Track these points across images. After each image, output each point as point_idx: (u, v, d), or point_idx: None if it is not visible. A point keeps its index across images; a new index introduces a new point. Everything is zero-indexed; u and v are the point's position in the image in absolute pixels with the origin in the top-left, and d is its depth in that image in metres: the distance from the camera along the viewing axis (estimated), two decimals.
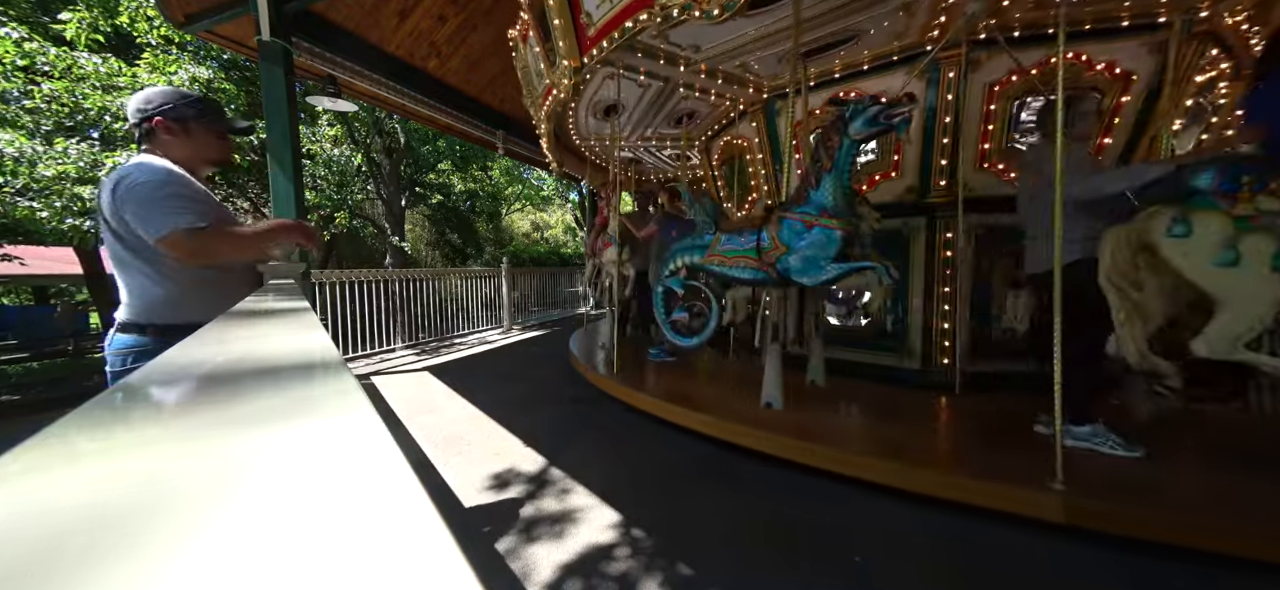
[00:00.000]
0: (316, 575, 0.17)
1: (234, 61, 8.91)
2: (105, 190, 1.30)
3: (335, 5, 4.60)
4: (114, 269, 1.37)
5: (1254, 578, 1.55)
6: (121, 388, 0.45)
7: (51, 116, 6.66)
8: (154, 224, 1.27)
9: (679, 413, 2.94)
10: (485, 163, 15.21)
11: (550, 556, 1.82)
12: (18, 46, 6.44)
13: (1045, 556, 1.75)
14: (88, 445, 0.32)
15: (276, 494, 0.24)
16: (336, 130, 11.03)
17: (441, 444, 2.97)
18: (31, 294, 18.24)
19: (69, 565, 0.17)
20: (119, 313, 1.38)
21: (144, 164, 1.33)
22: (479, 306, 8.00)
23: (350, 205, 11.28)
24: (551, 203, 21.87)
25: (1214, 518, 1.65)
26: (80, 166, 6.51)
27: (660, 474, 2.50)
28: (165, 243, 1.27)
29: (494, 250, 16.57)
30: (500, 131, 7.48)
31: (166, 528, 0.20)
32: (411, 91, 5.83)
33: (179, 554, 0.18)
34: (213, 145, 1.49)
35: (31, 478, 0.25)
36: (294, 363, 0.55)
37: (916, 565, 1.74)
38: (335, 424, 0.34)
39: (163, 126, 1.39)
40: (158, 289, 1.36)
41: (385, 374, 5.02)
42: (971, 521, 1.93)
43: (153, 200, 1.28)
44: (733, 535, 1.93)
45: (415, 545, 0.19)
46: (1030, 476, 1.89)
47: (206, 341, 0.69)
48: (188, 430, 0.36)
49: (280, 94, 3.96)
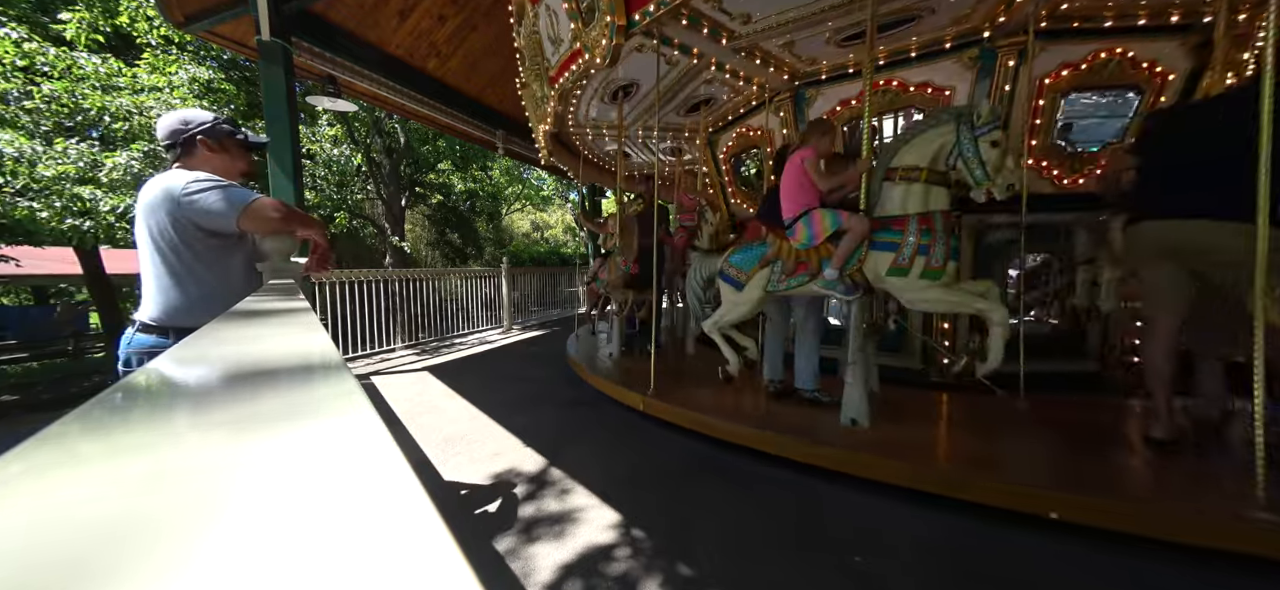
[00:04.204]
0: (317, 576, 0.17)
1: (234, 61, 8.92)
2: (157, 196, 1.41)
3: (335, 5, 4.60)
4: (146, 270, 1.47)
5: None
6: (121, 388, 0.45)
7: (51, 116, 6.67)
8: (233, 205, 1.43)
9: (678, 413, 2.95)
10: (485, 163, 15.22)
11: (550, 556, 1.82)
12: (17, 46, 6.45)
13: (1046, 556, 1.75)
14: (88, 445, 0.32)
15: (277, 494, 0.24)
16: (336, 130, 11.04)
17: (441, 444, 2.97)
18: (31, 294, 18.24)
19: (69, 566, 0.17)
20: (140, 313, 1.48)
21: (194, 172, 1.48)
22: (479, 306, 7.99)
23: (350, 205, 11.30)
24: (551, 203, 21.89)
25: None
26: (80, 166, 6.51)
27: (660, 474, 2.50)
28: (249, 213, 1.45)
29: (494, 250, 16.58)
30: (500, 131, 7.48)
31: (166, 528, 0.20)
32: (411, 91, 5.83)
33: (179, 555, 0.18)
34: (242, 158, 1.66)
35: (31, 478, 0.25)
36: (294, 363, 0.55)
37: (917, 565, 1.74)
38: (336, 424, 0.34)
39: (204, 143, 1.54)
40: (191, 291, 1.47)
41: (385, 374, 5.02)
42: (972, 521, 1.94)
43: (221, 189, 1.44)
44: (733, 535, 1.93)
45: (415, 545, 0.19)
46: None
47: (207, 342, 0.69)
48: (187, 430, 0.36)
49: (280, 94, 3.96)
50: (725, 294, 3.08)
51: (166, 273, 1.45)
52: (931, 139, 2.36)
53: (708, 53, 3.53)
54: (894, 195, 2.44)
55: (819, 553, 1.81)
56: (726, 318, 3.08)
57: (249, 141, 1.68)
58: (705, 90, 4.30)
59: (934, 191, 2.37)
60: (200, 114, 1.57)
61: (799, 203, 2.68)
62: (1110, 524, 1.75)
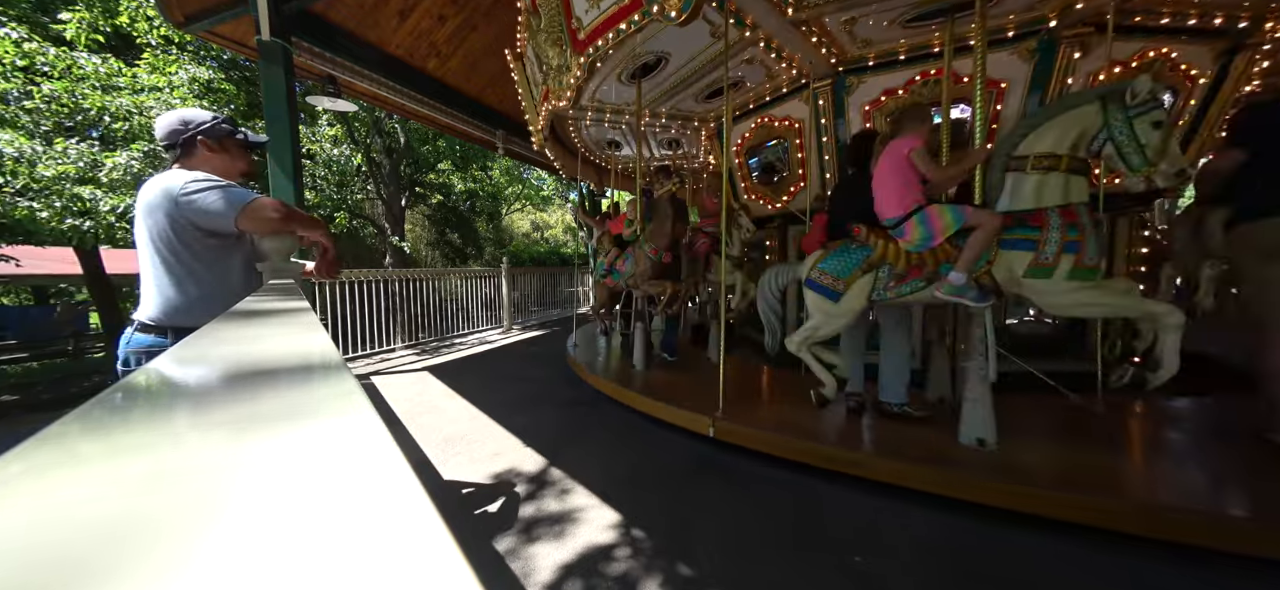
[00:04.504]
0: (317, 576, 0.17)
1: (234, 61, 8.92)
2: (156, 196, 1.41)
3: (335, 5, 4.60)
4: (145, 270, 1.47)
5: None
6: (121, 388, 0.45)
7: (51, 116, 6.66)
8: (232, 205, 1.42)
9: (677, 414, 2.94)
10: (485, 163, 15.21)
11: (550, 556, 1.82)
12: (17, 46, 6.44)
13: (1046, 556, 1.75)
14: (88, 445, 0.32)
15: (277, 494, 0.24)
16: (336, 130, 11.03)
17: (441, 444, 2.97)
18: (31, 294, 18.24)
19: (69, 566, 0.17)
20: (139, 313, 1.47)
21: (193, 172, 1.47)
22: (479, 306, 8.00)
23: (350, 205, 11.29)
24: (551, 203, 21.88)
25: None
26: (80, 167, 6.51)
27: (660, 474, 2.50)
28: (248, 213, 1.44)
29: (494, 250, 16.57)
30: (500, 131, 7.48)
31: (166, 528, 0.20)
32: (411, 91, 5.84)
33: (179, 555, 0.18)
34: (242, 158, 1.65)
35: (31, 478, 0.25)
36: (294, 363, 0.55)
37: (917, 565, 1.74)
38: (336, 424, 0.34)
39: (204, 143, 1.54)
40: (190, 291, 1.46)
41: (385, 374, 5.02)
42: (973, 520, 1.94)
43: (220, 189, 1.44)
44: (733, 535, 1.93)
45: (415, 546, 0.19)
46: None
47: (207, 342, 0.69)
48: (187, 430, 0.36)
49: (280, 94, 3.96)
50: (817, 306, 2.67)
51: (166, 273, 1.45)
52: (1069, 123, 2.12)
53: (764, 24, 3.19)
54: (1026, 187, 2.19)
55: (819, 552, 1.81)
56: (820, 332, 2.70)
57: (249, 141, 1.67)
58: (738, 72, 3.93)
59: (1074, 181, 2.15)
60: (200, 114, 1.57)
61: (905, 198, 2.38)
62: (1111, 524, 1.75)
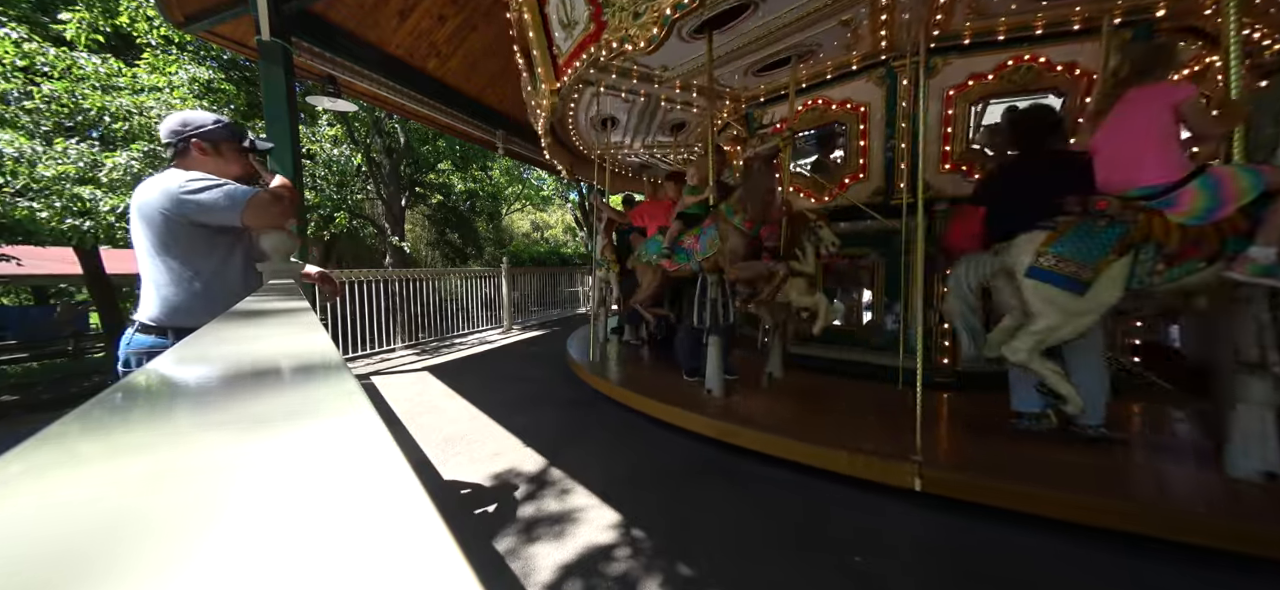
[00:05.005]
0: (317, 576, 0.17)
1: (234, 61, 8.92)
2: (155, 196, 1.40)
3: (335, 5, 4.61)
4: (145, 271, 1.46)
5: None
6: (121, 388, 0.45)
7: (51, 116, 6.67)
8: (235, 200, 1.44)
9: (679, 414, 2.94)
10: (485, 163, 15.21)
11: (550, 556, 1.82)
12: (17, 46, 6.45)
13: (1046, 556, 1.75)
14: (88, 445, 0.32)
15: (277, 494, 0.24)
16: (336, 130, 11.03)
17: (441, 444, 2.97)
18: (31, 294, 18.24)
19: (69, 566, 0.17)
20: (139, 313, 1.47)
21: (190, 172, 1.48)
22: (479, 306, 8.00)
23: (350, 205, 11.28)
24: (551, 203, 21.87)
25: None
26: (80, 167, 6.51)
27: (660, 474, 2.50)
28: (252, 207, 1.45)
29: (494, 250, 16.57)
30: (500, 131, 7.48)
31: (166, 528, 0.20)
32: (411, 91, 5.84)
33: (179, 554, 0.18)
34: (237, 163, 1.64)
35: (31, 478, 0.25)
36: (294, 363, 0.55)
37: (917, 565, 1.74)
38: (336, 424, 0.34)
39: (197, 146, 1.53)
40: (190, 291, 1.47)
41: (385, 374, 5.02)
42: (971, 520, 1.94)
43: (218, 186, 1.44)
44: (733, 535, 1.93)
45: (415, 546, 0.19)
46: None
47: (206, 342, 0.69)
48: (187, 430, 0.36)
49: (280, 94, 3.96)
50: (1051, 301, 2.07)
51: (165, 273, 1.45)
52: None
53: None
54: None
55: (819, 552, 1.81)
56: (1058, 334, 2.10)
57: (253, 147, 1.66)
58: (818, 40, 3.48)
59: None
60: (200, 116, 1.56)
61: (1174, 159, 1.94)
62: (1110, 524, 1.75)
